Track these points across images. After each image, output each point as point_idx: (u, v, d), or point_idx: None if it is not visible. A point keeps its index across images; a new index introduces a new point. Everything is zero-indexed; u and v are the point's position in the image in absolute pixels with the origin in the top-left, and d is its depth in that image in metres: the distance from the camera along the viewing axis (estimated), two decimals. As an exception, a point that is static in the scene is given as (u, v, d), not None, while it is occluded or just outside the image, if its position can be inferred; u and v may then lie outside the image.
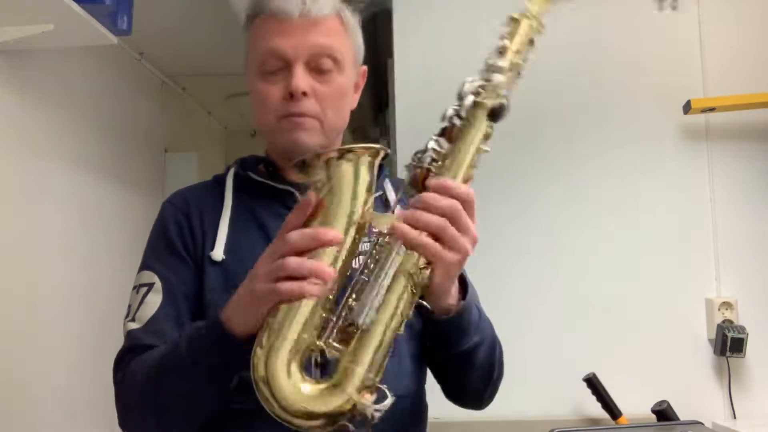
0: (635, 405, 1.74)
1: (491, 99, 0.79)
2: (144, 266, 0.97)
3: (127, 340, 0.92)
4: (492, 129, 0.79)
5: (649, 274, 1.87)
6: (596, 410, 1.77)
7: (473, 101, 0.79)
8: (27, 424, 1.78)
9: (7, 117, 1.75)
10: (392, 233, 0.74)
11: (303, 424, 0.72)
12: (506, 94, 0.80)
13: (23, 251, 1.80)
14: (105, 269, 2.21)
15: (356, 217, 0.74)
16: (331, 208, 0.74)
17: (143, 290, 0.94)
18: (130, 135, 2.60)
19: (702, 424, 1.61)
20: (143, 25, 1.87)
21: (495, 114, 0.79)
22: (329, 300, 0.75)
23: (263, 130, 1.00)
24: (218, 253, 0.94)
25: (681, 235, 1.88)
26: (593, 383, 1.75)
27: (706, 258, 1.88)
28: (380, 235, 0.77)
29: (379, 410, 0.72)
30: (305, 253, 0.73)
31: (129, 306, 0.95)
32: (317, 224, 0.74)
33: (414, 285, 0.74)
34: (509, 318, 1.79)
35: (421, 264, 0.75)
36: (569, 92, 1.92)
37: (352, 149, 0.74)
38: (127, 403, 0.89)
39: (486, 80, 0.80)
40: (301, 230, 0.73)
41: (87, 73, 2.22)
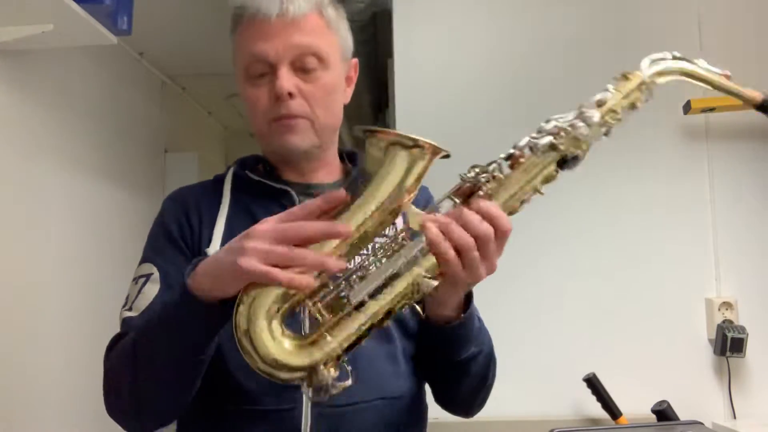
0: (635, 405, 1.74)
1: (567, 146, 0.77)
2: (143, 259, 0.98)
3: (122, 327, 0.92)
4: (556, 174, 0.78)
5: (649, 274, 1.86)
6: (596, 410, 1.77)
7: (550, 142, 0.77)
8: (27, 422, 1.78)
9: (7, 117, 1.75)
10: (422, 230, 0.74)
11: (285, 377, 0.73)
12: (585, 148, 0.78)
13: (23, 251, 1.80)
14: (105, 268, 2.21)
15: (394, 204, 0.74)
16: (374, 186, 0.74)
17: (141, 281, 0.94)
18: (130, 135, 2.60)
19: (702, 424, 1.61)
20: (143, 25, 1.87)
21: (565, 162, 0.77)
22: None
23: (257, 134, 1.00)
24: (214, 250, 0.94)
25: (681, 235, 1.88)
26: (593, 383, 1.75)
27: (706, 258, 1.87)
28: (407, 230, 0.76)
29: (336, 387, 0.72)
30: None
31: (127, 296, 0.95)
32: (362, 198, 0.74)
33: (416, 289, 0.74)
34: (509, 318, 1.80)
35: (433, 272, 0.75)
36: (569, 92, 1.91)
37: (419, 143, 0.73)
38: (109, 382, 0.88)
39: (571, 126, 0.77)
40: (317, 222, 0.72)
41: (87, 73, 2.22)
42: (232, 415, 0.89)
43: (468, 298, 0.88)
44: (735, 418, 1.80)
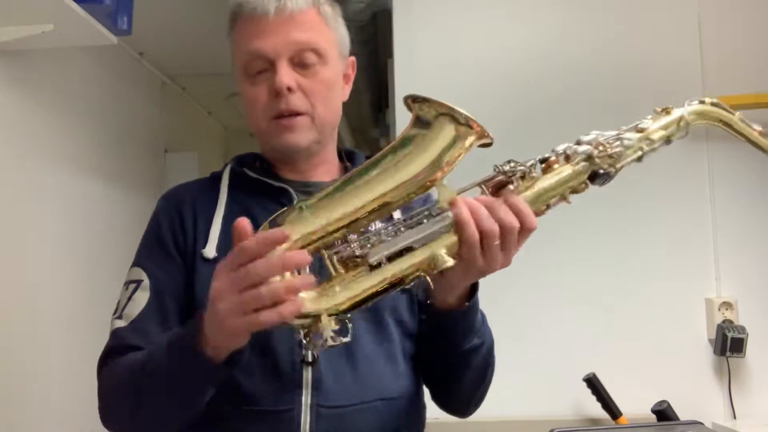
0: (635, 405, 1.74)
1: (602, 161, 0.79)
2: (134, 263, 0.97)
3: (112, 339, 0.92)
4: (586, 187, 0.80)
5: (649, 274, 1.86)
6: (596, 410, 1.77)
7: (588, 152, 0.79)
8: (27, 422, 1.78)
9: (7, 117, 1.75)
10: (451, 208, 0.75)
11: (297, 323, 0.73)
12: (617, 167, 0.80)
13: (23, 251, 1.80)
14: (104, 268, 2.21)
15: (429, 177, 0.74)
16: (414, 155, 0.74)
17: (132, 287, 0.94)
18: (130, 135, 2.60)
19: (702, 424, 1.61)
20: (143, 25, 1.87)
21: (596, 177, 0.79)
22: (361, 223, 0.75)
23: (256, 132, 1.00)
24: (210, 251, 0.93)
25: (681, 235, 1.88)
26: (593, 383, 1.75)
27: (706, 258, 1.87)
28: (439, 204, 0.76)
29: (335, 340, 0.72)
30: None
31: (118, 302, 0.95)
32: (399, 162, 0.74)
33: (432, 264, 0.74)
34: (510, 318, 1.80)
35: (451, 251, 0.75)
36: (569, 93, 1.92)
37: (471, 122, 0.73)
38: (108, 403, 0.89)
39: (609, 143, 0.80)
40: (266, 259, 0.70)
41: (87, 73, 2.22)
42: (231, 416, 0.89)
43: (473, 289, 0.88)
44: (735, 418, 1.80)
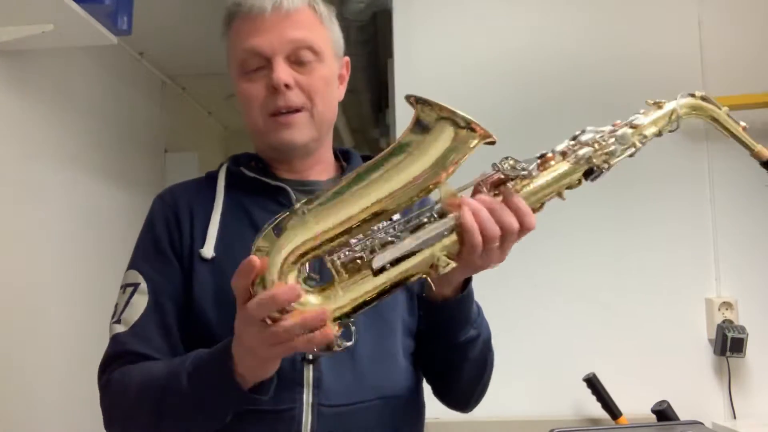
0: (635, 405, 1.74)
1: (599, 159, 0.81)
2: (130, 265, 0.96)
3: (113, 345, 0.92)
4: (580, 183, 0.81)
5: (649, 274, 1.86)
6: (596, 410, 1.77)
7: (588, 153, 0.80)
8: (27, 422, 1.78)
9: (7, 117, 1.75)
10: (453, 211, 0.75)
11: None
12: (611, 163, 0.82)
13: (23, 251, 1.80)
14: (105, 269, 2.21)
15: (432, 180, 0.74)
16: (415, 158, 0.73)
17: (129, 290, 0.93)
18: (130, 135, 2.60)
19: (702, 424, 1.61)
20: (143, 25, 1.87)
21: (590, 173, 0.81)
22: (365, 227, 0.75)
23: (253, 131, 0.99)
24: (208, 251, 0.93)
25: (681, 235, 1.88)
26: (593, 383, 1.75)
27: (706, 258, 1.88)
28: (440, 205, 0.77)
29: (339, 345, 0.73)
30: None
31: (116, 306, 0.94)
32: (401, 164, 0.73)
33: (433, 266, 0.75)
34: (510, 318, 1.80)
35: (451, 252, 0.75)
36: (569, 93, 1.92)
37: (473, 125, 0.73)
38: (117, 414, 0.89)
39: (604, 141, 0.81)
40: (258, 299, 0.71)
41: (87, 73, 2.22)
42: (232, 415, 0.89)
43: (467, 280, 0.89)
44: (735, 418, 1.80)
